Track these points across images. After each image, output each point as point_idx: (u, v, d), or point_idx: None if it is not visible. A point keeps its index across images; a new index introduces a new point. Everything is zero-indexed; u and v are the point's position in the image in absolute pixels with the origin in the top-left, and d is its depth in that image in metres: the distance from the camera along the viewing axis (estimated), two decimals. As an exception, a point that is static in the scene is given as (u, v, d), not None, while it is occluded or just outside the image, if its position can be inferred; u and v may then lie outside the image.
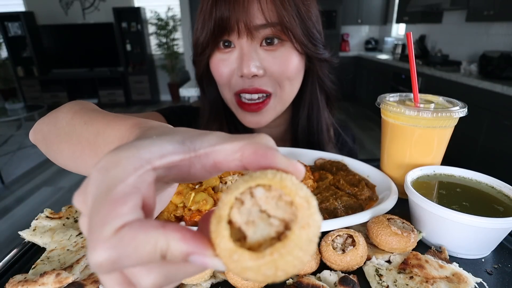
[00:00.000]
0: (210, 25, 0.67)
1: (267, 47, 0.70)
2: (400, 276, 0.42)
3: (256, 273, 0.19)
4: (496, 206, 0.49)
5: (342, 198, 0.57)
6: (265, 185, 0.20)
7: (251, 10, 0.65)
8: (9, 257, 0.49)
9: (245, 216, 0.20)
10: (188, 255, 0.19)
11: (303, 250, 0.19)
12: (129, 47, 7.19)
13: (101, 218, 0.18)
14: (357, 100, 7.08)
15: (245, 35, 0.67)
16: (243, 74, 0.68)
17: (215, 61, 0.73)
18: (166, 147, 0.22)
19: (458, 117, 0.57)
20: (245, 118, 0.77)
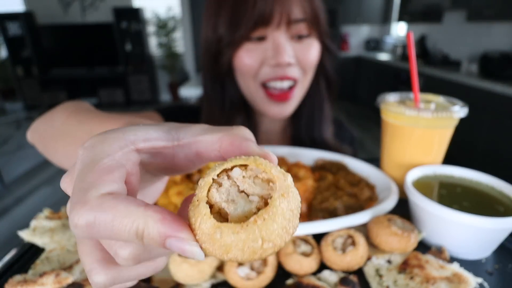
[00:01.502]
0: (252, 17, 0.68)
1: (297, 39, 0.74)
2: (401, 276, 0.42)
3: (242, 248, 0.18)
4: (497, 206, 0.49)
5: (342, 198, 0.57)
6: (241, 166, 0.21)
7: (292, 3, 0.69)
8: (9, 257, 0.49)
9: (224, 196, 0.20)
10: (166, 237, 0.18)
11: (286, 219, 0.19)
12: (129, 47, 7.19)
13: (87, 183, 0.19)
14: (357, 100, 7.08)
15: (284, 27, 0.70)
16: (280, 63, 0.71)
17: (243, 52, 0.73)
18: (151, 133, 0.24)
19: (458, 117, 0.57)
20: (271, 109, 0.79)
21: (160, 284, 0.43)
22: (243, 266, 0.41)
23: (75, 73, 7.32)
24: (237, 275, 0.40)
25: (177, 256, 0.41)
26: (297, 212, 0.20)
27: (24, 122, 5.79)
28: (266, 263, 0.42)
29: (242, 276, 0.40)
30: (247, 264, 0.42)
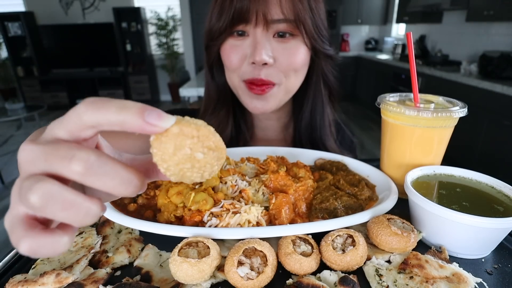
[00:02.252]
0: (230, 13, 0.70)
1: (279, 39, 0.74)
2: (400, 276, 0.42)
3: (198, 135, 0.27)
4: (496, 206, 0.49)
5: (342, 198, 0.57)
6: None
7: (270, 3, 0.69)
8: (9, 257, 0.49)
9: None
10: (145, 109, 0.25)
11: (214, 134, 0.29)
12: (129, 47, 7.19)
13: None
14: (357, 100, 7.08)
15: (262, 26, 0.71)
16: (255, 61, 0.71)
17: (227, 47, 0.76)
18: None
19: (458, 117, 0.57)
20: (251, 103, 0.80)
21: (160, 283, 0.43)
22: (243, 266, 0.41)
23: (75, 73, 7.33)
24: (237, 275, 0.40)
25: (177, 256, 0.41)
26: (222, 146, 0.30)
27: (24, 122, 5.79)
28: (266, 263, 0.42)
29: (242, 276, 0.40)
30: (247, 264, 0.42)
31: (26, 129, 5.71)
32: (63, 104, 7.27)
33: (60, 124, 0.26)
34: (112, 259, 0.47)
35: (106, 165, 0.25)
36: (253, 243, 0.44)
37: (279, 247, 0.46)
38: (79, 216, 0.24)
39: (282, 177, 0.58)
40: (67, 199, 0.24)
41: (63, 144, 0.25)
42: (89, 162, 0.24)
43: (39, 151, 0.25)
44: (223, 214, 0.51)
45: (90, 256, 0.47)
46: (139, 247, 0.50)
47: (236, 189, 0.57)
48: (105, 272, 0.44)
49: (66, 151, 0.24)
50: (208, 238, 0.45)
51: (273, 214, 0.53)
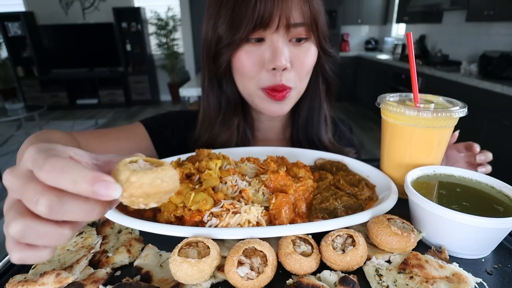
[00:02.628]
0: (252, 19, 0.68)
1: (295, 43, 0.74)
2: (400, 276, 0.42)
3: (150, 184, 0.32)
4: (496, 206, 0.49)
5: (342, 198, 0.57)
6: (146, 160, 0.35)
7: (292, 7, 0.69)
8: (9, 257, 0.49)
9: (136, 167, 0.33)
10: (95, 181, 0.28)
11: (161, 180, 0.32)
12: (129, 47, 7.19)
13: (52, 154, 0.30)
14: (357, 100, 7.08)
15: (282, 30, 0.71)
16: (277, 66, 0.71)
17: (242, 54, 0.74)
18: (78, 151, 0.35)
19: (458, 117, 0.57)
20: (271, 107, 0.80)
21: (160, 283, 0.43)
22: (243, 266, 0.41)
23: (75, 73, 7.33)
24: (237, 275, 0.40)
25: (177, 256, 0.41)
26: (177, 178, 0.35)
27: (24, 122, 5.79)
28: (266, 263, 0.42)
29: (242, 276, 0.40)
30: (247, 264, 0.42)
31: (26, 129, 5.71)
32: (63, 104, 7.27)
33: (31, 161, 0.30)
34: (112, 259, 0.47)
35: (67, 204, 0.29)
36: (253, 243, 0.44)
37: (279, 247, 0.46)
38: (54, 241, 0.30)
39: (282, 177, 0.58)
40: (40, 231, 0.29)
41: (31, 185, 0.29)
42: (51, 206, 0.28)
43: (15, 185, 0.30)
44: (223, 214, 0.51)
45: (90, 256, 0.47)
46: (139, 247, 0.50)
47: (236, 189, 0.57)
48: (105, 272, 0.44)
49: (32, 195, 0.28)
50: (208, 238, 0.45)
51: (273, 214, 0.53)
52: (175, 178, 0.34)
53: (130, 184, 0.31)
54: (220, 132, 0.86)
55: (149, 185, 0.32)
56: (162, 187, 0.32)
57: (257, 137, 0.96)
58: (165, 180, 0.33)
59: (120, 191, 0.30)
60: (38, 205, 0.28)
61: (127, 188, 0.31)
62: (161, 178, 0.32)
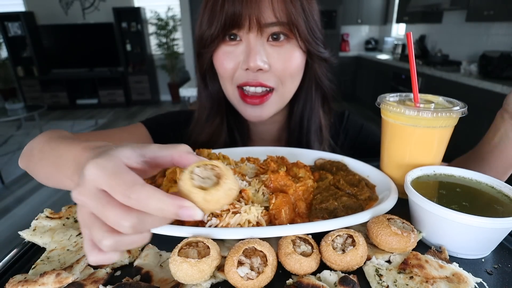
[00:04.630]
0: (221, 19, 0.68)
1: (273, 43, 0.72)
2: (400, 276, 0.42)
3: (224, 196, 0.35)
4: (496, 206, 0.49)
5: (342, 198, 0.57)
6: (199, 165, 0.38)
7: (263, 7, 0.67)
8: (9, 257, 0.49)
9: (197, 181, 0.36)
10: (179, 208, 0.33)
11: (230, 189, 0.36)
12: (129, 47, 7.19)
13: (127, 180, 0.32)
14: (357, 100, 7.08)
15: (255, 31, 0.69)
16: (249, 67, 0.70)
17: (220, 54, 0.75)
18: (127, 153, 0.37)
19: (458, 117, 0.57)
20: (246, 111, 0.79)
21: (160, 283, 0.43)
22: (243, 266, 0.41)
23: (75, 73, 7.33)
24: (237, 275, 0.40)
25: (177, 256, 0.41)
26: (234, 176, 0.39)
27: (24, 122, 5.79)
28: (266, 263, 0.42)
29: (242, 276, 0.40)
30: (247, 264, 0.42)
31: (26, 129, 5.71)
32: (63, 104, 7.27)
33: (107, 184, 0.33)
34: (112, 259, 0.47)
35: (147, 222, 0.33)
36: (253, 243, 0.43)
37: (279, 247, 0.46)
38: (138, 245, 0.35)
39: (282, 177, 0.58)
40: (128, 242, 0.34)
41: (111, 208, 0.32)
42: (134, 226, 0.32)
43: (90, 205, 0.33)
44: (223, 214, 0.51)
45: (90, 256, 0.47)
46: (139, 247, 0.50)
47: (236, 189, 0.57)
48: (105, 272, 0.44)
49: (115, 218, 0.32)
50: (208, 238, 0.45)
51: (273, 214, 0.53)
52: (235, 177, 0.38)
53: (208, 203, 0.35)
54: (204, 129, 0.87)
55: (224, 198, 0.35)
56: (233, 194, 0.36)
57: (252, 140, 0.96)
58: (233, 187, 0.36)
59: (201, 213, 0.34)
60: (121, 227, 0.32)
61: (206, 206, 0.35)
62: (230, 188, 0.36)
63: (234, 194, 0.36)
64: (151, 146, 0.39)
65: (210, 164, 0.37)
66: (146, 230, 0.34)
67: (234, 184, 0.36)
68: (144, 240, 0.35)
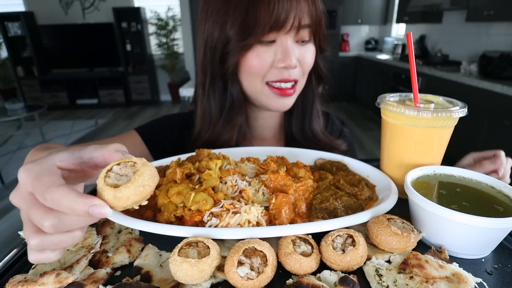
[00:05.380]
0: (269, 21, 0.70)
1: (300, 43, 0.79)
2: (400, 276, 0.42)
3: (135, 193, 0.36)
4: (496, 206, 0.49)
5: (342, 198, 0.57)
6: (117, 163, 0.39)
7: (303, 9, 0.72)
8: (9, 257, 0.49)
9: (112, 179, 0.38)
10: (89, 206, 0.34)
11: (150, 174, 0.38)
12: (129, 47, 7.19)
13: (46, 182, 0.35)
14: (357, 100, 7.08)
15: (294, 32, 0.75)
16: (288, 66, 0.76)
17: (254, 55, 0.76)
18: (63, 156, 0.40)
19: (458, 117, 0.57)
20: (277, 102, 0.84)
21: (160, 283, 0.43)
22: (243, 266, 0.41)
23: (75, 73, 7.33)
24: (237, 275, 0.40)
25: (177, 256, 0.41)
26: (154, 172, 0.38)
27: (24, 122, 5.78)
28: (266, 263, 0.42)
29: (242, 276, 0.40)
30: (247, 264, 0.42)
31: (26, 129, 5.71)
32: (63, 104, 7.27)
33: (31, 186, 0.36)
34: (112, 259, 0.47)
35: (67, 221, 0.35)
36: (253, 243, 0.43)
37: (279, 247, 0.46)
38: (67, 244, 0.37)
39: (282, 177, 0.58)
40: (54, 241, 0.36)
41: (34, 209, 0.35)
42: (54, 225, 0.34)
43: (22, 207, 0.37)
44: (223, 214, 0.51)
45: (90, 256, 0.47)
46: (139, 247, 0.50)
47: (236, 189, 0.57)
48: (105, 272, 0.44)
49: (38, 218, 0.35)
50: (208, 238, 0.45)
51: (273, 214, 0.53)
52: (153, 174, 0.38)
53: (118, 200, 0.36)
54: (223, 131, 0.87)
55: (134, 195, 0.36)
56: (146, 190, 0.37)
57: (253, 135, 0.97)
58: (146, 183, 0.37)
59: (110, 210, 0.36)
60: (43, 226, 0.34)
61: (116, 203, 0.36)
62: (142, 184, 0.36)
63: (147, 190, 0.37)
64: (88, 148, 0.41)
65: (130, 161, 0.39)
66: (68, 229, 0.36)
67: (148, 181, 0.37)
68: (74, 239, 0.37)
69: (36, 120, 5.18)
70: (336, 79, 6.91)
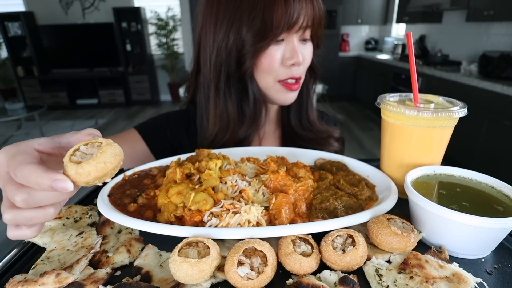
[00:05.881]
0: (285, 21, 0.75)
1: (302, 42, 0.84)
2: (400, 276, 0.42)
3: (96, 169, 0.38)
4: (496, 206, 0.49)
5: (342, 198, 0.57)
6: (85, 143, 0.42)
7: (309, 10, 0.77)
8: (9, 257, 0.49)
9: (79, 156, 0.40)
10: (52, 181, 0.37)
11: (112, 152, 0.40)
12: (129, 47, 7.19)
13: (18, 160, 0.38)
14: (357, 100, 7.08)
15: (301, 31, 0.80)
16: (296, 63, 0.82)
17: (270, 53, 0.81)
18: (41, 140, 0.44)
19: (458, 117, 0.57)
20: (287, 96, 0.90)
21: (160, 283, 0.43)
22: (243, 266, 0.41)
23: (75, 73, 7.32)
24: (237, 275, 0.40)
25: (177, 256, 0.41)
26: (118, 151, 0.41)
27: (24, 122, 5.78)
28: (266, 263, 0.42)
29: (242, 276, 0.40)
30: (247, 264, 0.42)
31: (26, 129, 5.71)
32: (63, 104, 7.27)
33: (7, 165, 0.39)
34: (112, 259, 0.47)
35: (37, 196, 0.38)
36: (253, 243, 0.44)
37: (279, 247, 0.46)
38: (41, 220, 0.40)
39: (282, 177, 0.58)
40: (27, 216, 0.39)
41: (8, 186, 0.39)
42: (25, 200, 0.38)
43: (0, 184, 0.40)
44: (223, 214, 0.51)
45: (90, 256, 0.47)
46: (139, 247, 0.50)
47: (236, 189, 0.57)
48: (105, 272, 0.44)
49: (10, 193, 0.38)
50: (208, 238, 0.45)
51: (273, 214, 0.53)
52: (116, 152, 0.40)
53: (80, 175, 0.38)
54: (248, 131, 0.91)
55: (95, 171, 0.38)
56: (107, 167, 0.39)
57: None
58: (108, 160, 0.39)
59: (71, 184, 0.38)
60: (16, 201, 0.38)
61: (78, 178, 0.38)
62: (103, 161, 0.39)
63: (108, 167, 0.39)
64: (67, 134, 0.45)
65: (97, 141, 0.42)
66: (38, 204, 0.39)
67: (110, 158, 0.39)
68: (46, 215, 0.40)
69: (36, 120, 5.18)
70: (336, 79, 6.91)
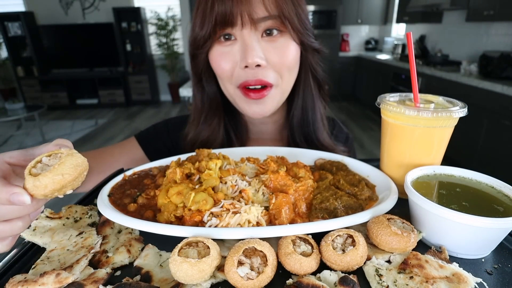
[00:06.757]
0: (212, 19, 0.69)
1: (267, 38, 0.73)
2: (400, 276, 0.42)
3: (53, 182, 0.38)
4: (496, 206, 0.49)
5: (342, 198, 0.57)
6: (48, 155, 0.42)
7: (253, 2, 0.68)
8: (9, 257, 0.49)
9: (39, 168, 0.40)
10: (10, 194, 0.38)
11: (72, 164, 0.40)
12: (129, 47, 7.19)
13: None
14: (357, 100, 7.08)
15: (249, 27, 0.70)
16: (248, 64, 0.70)
17: (216, 55, 0.75)
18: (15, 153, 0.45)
19: (458, 117, 0.57)
20: (250, 108, 0.79)
21: (160, 283, 0.43)
22: (243, 266, 0.41)
23: (75, 73, 7.33)
24: (237, 275, 0.40)
25: (177, 256, 0.41)
26: (79, 162, 0.41)
27: (24, 122, 5.78)
28: (266, 263, 0.42)
29: (242, 276, 0.40)
30: (247, 264, 0.42)
31: (26, 129, 5.71)
32: (63, 104, 7.27)
33: None
34: (112, 259, 0.47)
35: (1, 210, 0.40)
36: (253, 243, 0.43)
37: (279, 247, 0.46)
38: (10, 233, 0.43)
39: (282, 177, 0.58)
40: None
41: None
42: None
43: None
44: (223, 214, 0.51)
45: (90, 256, 0.47)
46: (139, 247, 0.50)
47: (236, 189, 0.57)
48: (105, 272, 0.44)
49: None
50: (208, 238, 0.45)
51: (273, 214, 0.53)
52: (77, 163, 0.40)
53: (37, 188, 0.38)
54: (202, 130, 0.88)
55: (52, 183, 0.38)
56: (65, 179, 0.39)
57: (251, 140, 0.96)
58: (66, 172, 0.39)
59: (28, 197, 0.38)
60: None
61: (36, 191, 0.38)
62: (61, 173, 0.39)
63: (66, 179, 0.39)
64: (40, 146, 0.45)
65: (59, 152, 0.42)
66: (3, 218, 0.40)
67: (68, 170, 0.39)
68: (13, 228, 0.41)
69: (36, 120, 5.18)
70: (336, 79, 6.91)
